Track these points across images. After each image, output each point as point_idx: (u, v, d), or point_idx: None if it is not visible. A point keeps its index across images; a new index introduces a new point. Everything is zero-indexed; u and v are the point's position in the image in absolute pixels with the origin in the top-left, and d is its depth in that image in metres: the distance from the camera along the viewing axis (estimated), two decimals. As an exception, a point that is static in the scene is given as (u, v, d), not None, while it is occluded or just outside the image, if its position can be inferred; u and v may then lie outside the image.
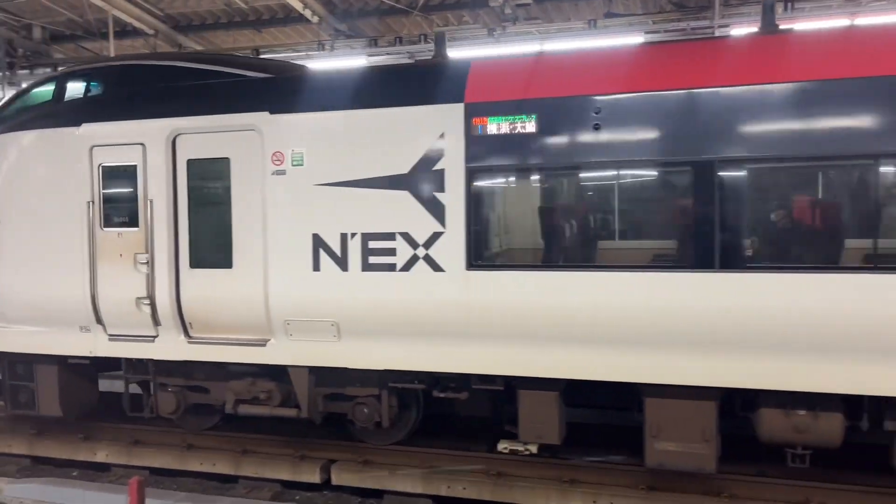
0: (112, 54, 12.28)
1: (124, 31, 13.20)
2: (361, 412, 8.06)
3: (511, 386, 7.41)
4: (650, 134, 6.50)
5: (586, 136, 6.66)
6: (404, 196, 7.15)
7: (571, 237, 6.93)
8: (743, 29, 9.70)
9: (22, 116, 8.81)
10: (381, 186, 7.22)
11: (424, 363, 7.34)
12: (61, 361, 8.94)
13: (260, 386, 8.28)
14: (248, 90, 7.96)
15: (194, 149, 7.94)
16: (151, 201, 8.07)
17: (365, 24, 12.65)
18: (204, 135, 7.89)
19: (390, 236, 7.22)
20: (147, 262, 8.13)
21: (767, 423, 6.73)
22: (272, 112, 7.63)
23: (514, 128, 6.83)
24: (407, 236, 7.16)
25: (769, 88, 6.17)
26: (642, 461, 7.09)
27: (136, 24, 12.58)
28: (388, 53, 11.37)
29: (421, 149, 7.07)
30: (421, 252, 7.14)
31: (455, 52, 10.94)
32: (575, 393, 7.42)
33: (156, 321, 8.21)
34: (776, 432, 6.73)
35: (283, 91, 7.81)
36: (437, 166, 7.04)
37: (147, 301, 8.16)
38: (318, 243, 7.46)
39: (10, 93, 11.97)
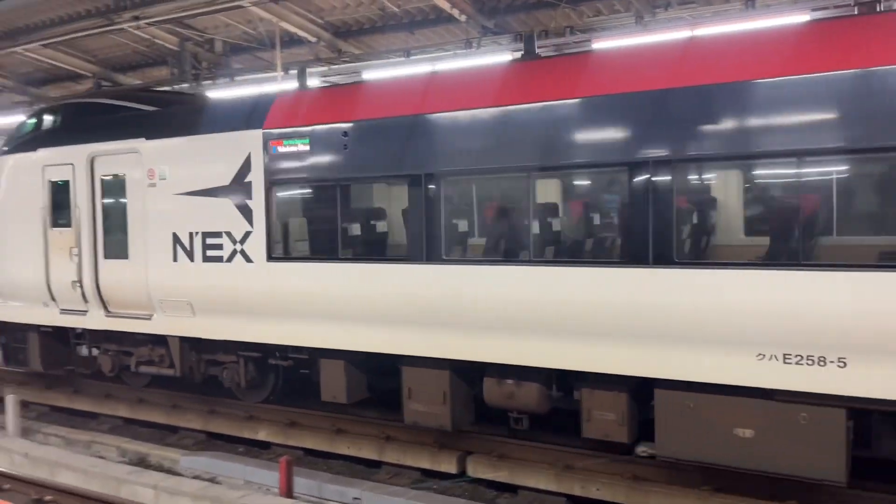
0: (279, 63, 13.23)
1: (292, 41, 14.14)
2: (227, 375, 10.00)
3: (314, 356, 9.03)
4: (382, 152, 7.96)
5: (339, 155, 8.24)
6: (227, 203, 9.03)
7: (330, 236, 8.46)
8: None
9: (14, 143, 11.48)
10: (213, 195, 9.14)
11: (250, 336, 9.16)
12: (40, 329, 11.36)
13: (156, 351, 10.38)
14: (136, 121, 10.22)
15: (104, 167, 10.25)
16: (79, 207, 10.40)
17: (514, 19, 12.66)
18: (109, 156, 10.17)
19: (219, 235, 9.13)
20: (77, 254, 10.45)
21: (487, 391, 7.96)
22: (147, 138, 9.76)
23: (296, 149, 8.53)
24: (230, 235, 9.04)
25: (457, 115, 7.55)
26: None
27: (301, 33, 13.43)
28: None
29: (236, 165, 8.92)
30: (238, 247, 8.98)
31: (601, 44, 10.67)
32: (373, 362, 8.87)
33: (85, 299, 10.51)
34: (493, 398, 7.96)
35: (156, 121, 10.01)
36: (247, 179, 8.85)
37: (78, 283, 10.46)
38: (176, 240, 9.48)
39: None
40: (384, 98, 8.26)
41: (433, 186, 7.67)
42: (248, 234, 8.88)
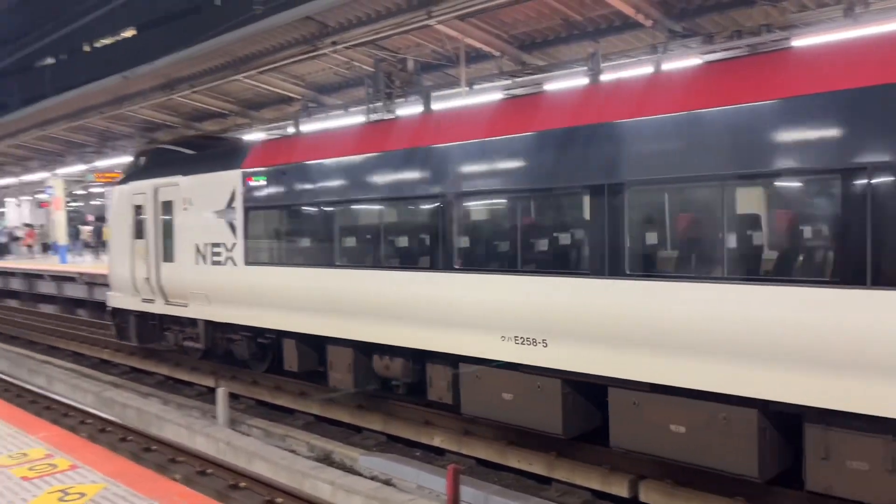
0: (463, 78, 13.59)
1: (478, 55, 14.47)
2: (236, 349, 13.30)
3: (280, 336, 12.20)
4: (294, 188, 11.30)
5: (283, 188, 11.49)
6: (223, 222, 12.48)
7: (279, 247, 11.69)
8: None
9: (121, 177, 15.99)
10: (216, 217, 12.63)
11: (241, 320, 12.46)
12: (134, 313, 15.39)
13: (194, 330, 13.92)
14: (180, 162, 14.06)
15: (163, 195, 13.98)
16: (148, 224, 14.25)
17: (705, 20, 11.97)
18: (165, 187, 13.88)
19: (219, 245, 12.58)
20: (147, 258, 14.22)
21: (375, 364, 10.66)
22: (183, 175, 13.43)
23: (260, 184, 11.83)
24: (224, 245, 12.47)
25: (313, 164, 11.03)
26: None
27: (486, 48, 13.69)
28: (724, 49, 10.55)
29: (228, 195, 12.36)
30: (229, 254, 12.38)
31: (798, 42, 9.83)
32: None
33: (153, 292, 14.30)
34: (379, 370, 10.63)
35: (189, 162, 13.83)
36: (233, 205, 12.29)
37: (148, 280, 14.27)
38: (196, 249, 13.06)
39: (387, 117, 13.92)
40: (308, 146, 11.43)
41: (332, 210, 10.69)
42: (234, 244, 12.29)
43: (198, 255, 12.95)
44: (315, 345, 11.72)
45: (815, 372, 6.18)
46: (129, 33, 60.34)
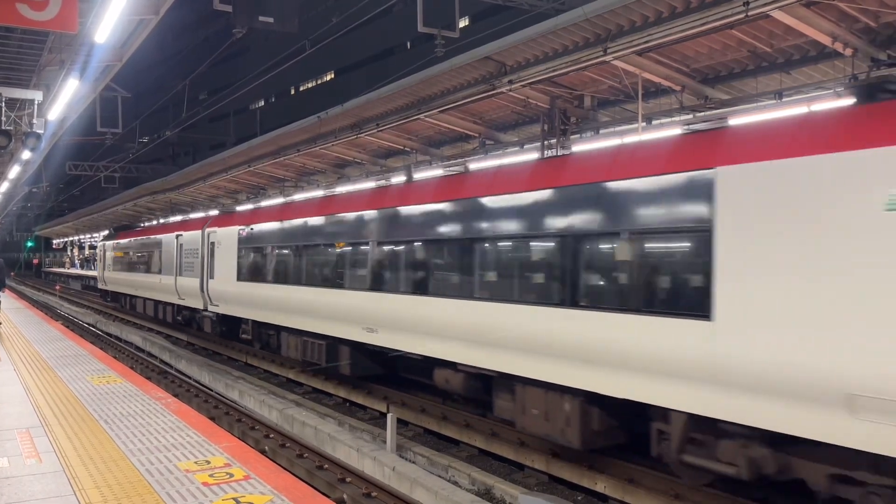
0: (640, 113, 13.27)
1: (658, 91, 14.07)
2: (110, 298, 40.20)
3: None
4: (113, 253, 39.07)
5: (112, 252, 38.75)
6: (109, 259, 40.05)
7: (110, 268, 39.10)
8: None
9: (102, 238, 47.90)
10: (104, 258, 41.72)
11: (113, 288, 38.69)
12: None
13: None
14: (109, 237, 41.15)
15: (105, 248, 41.60)
16: (103, 256, 41.76)
17: (917, 45, 10.83)
18: (105, 245, 41.30)
19: (105, 266, 40.65)
20: (101, 269, 41.53)
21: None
22: (105, 241, 41.79)
23: (113, 248, 38.96)
24: (107, 265, 39.93)
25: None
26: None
27: (665, 83, 13.28)
28: (938, 78, 9.46)
29: (112, 251, 39.16)
30: (104, 268, 40.81)
31: None
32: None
33: (105, 282, 40.25)
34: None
35: (109, 238, 40.50)
36: (108, 254, 40.49)
37: (101, 277, 41.51)
38: (106, 266, 40.13)
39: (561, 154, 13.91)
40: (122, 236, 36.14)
41: (127, 254, 34.26)
42: (107, 264, 38.82)
43: (105, 268, 38.15)
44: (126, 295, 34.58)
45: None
46: (328, 77, 65.50)
